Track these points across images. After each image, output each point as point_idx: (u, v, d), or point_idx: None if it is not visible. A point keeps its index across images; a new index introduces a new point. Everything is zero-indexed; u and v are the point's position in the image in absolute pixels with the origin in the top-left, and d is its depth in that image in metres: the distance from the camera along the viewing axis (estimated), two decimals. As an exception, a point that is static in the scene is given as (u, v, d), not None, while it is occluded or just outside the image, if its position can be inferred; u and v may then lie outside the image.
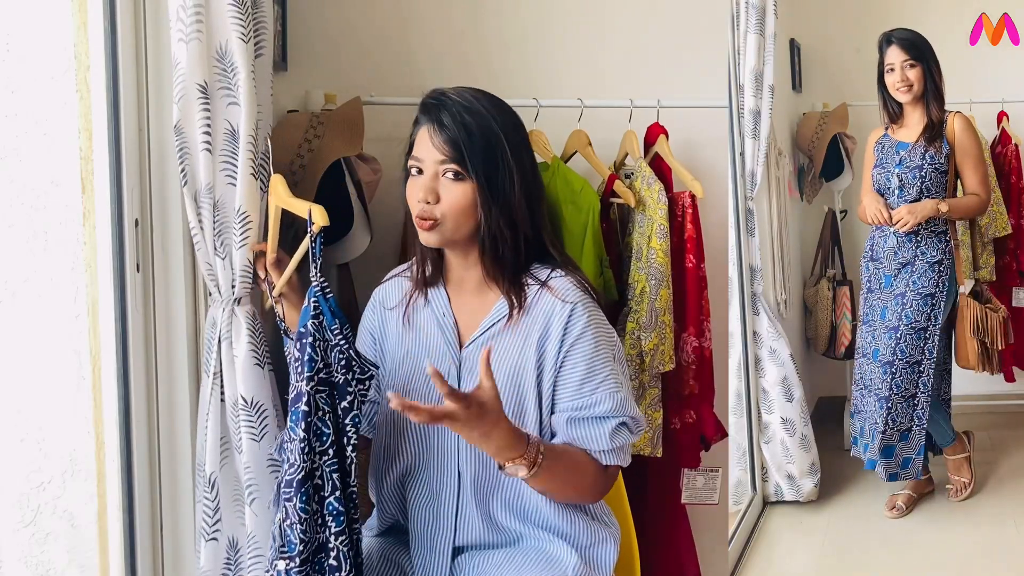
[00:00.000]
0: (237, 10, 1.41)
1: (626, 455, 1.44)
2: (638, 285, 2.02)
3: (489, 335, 1.45)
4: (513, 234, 1.42)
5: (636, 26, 2.33)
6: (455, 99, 1.40)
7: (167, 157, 1.47)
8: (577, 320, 1.41)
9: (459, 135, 1.38)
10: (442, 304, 1.50)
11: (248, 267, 1.48)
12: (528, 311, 1.44)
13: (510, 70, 2.27)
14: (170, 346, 1.51)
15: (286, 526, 1.32)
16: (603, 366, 1.41)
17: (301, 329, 1.33)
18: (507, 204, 1.41)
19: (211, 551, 1.48)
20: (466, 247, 1.45)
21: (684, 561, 2.22)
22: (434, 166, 1.40)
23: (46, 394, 1.41)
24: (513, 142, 1.42)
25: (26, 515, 1.40)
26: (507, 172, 1.40)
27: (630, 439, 1.42)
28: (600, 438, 1.39)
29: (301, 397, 1.32)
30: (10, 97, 1.36)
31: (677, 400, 2.12)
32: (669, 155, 2.14)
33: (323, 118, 1.88)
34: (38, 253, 1.39)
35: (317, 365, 1.32)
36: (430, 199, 1.39)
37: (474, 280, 1.48)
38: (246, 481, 1.48)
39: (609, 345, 1.43)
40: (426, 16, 2.28)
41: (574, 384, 1.41)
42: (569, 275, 1.46)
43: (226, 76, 1.43)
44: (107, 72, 1.39)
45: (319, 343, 1.33)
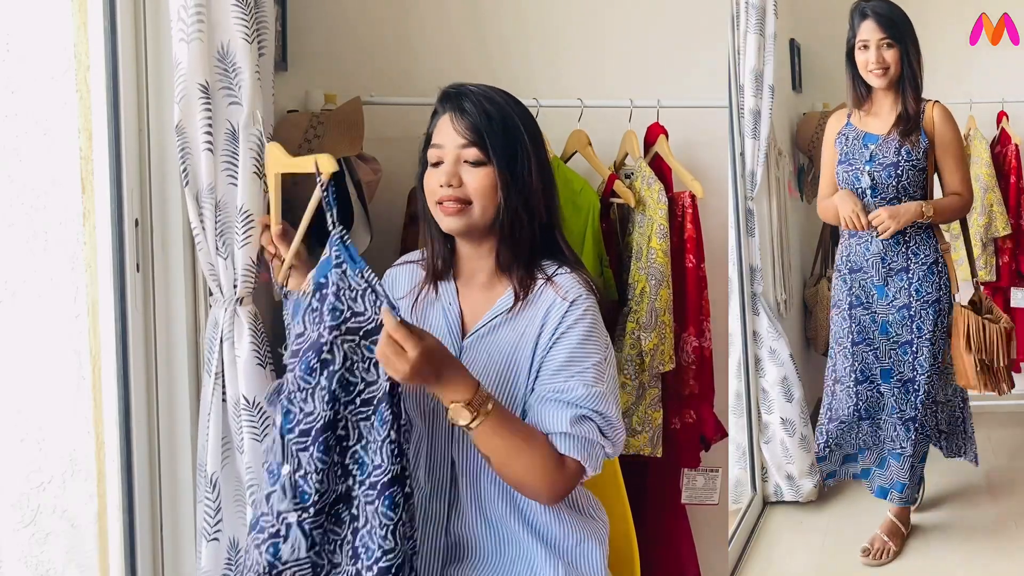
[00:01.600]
0: (241, 10, 1.41)
1: (589, 452, 1.36)
2: (638, 285, 2.02)
3: (491, 326, 1.46)
4: (530, 219, 1.44)
5: (636, 26, 2.33)
6: (474, 90, 1.45)
7: (167, 157, 1.47)
8: (571, 314, 1.42)
9: (480, 120, 1.41)
10: (450, 296, 1.51)
11: (251, 266, 1.48)
12: (530, 305, 1.44)
13: (510, 70, 2.27)
14: (170, 346, 1.51)
15: (298, 477, 1.25)
16: (586, 358, 1.40)
17: (321, 280, 1.28)
18: (526, 189, 1.43)
19: (212, 551, 1.48)
20: (482, 236, 1.46)
21: (684, 561, 2.22)
22: (455, 151, 1.42)
23: (46, 394, 1.41)
24: (530, 132, 1.46)
25: (26, 515, 1.40)
26: (526, 158, 1.44)
27: (594, 437, 1.36)
28: (560, 421, 1.35)
29: (322, 346, 1.25)
30: (10, 97, 1.36)
31: (677, 400, 2.12)
32: (669, 155, 2.14)
33: (323, 118, 1.88)
34: (38, 253, 1.39)
35: (344, 314, 1.26)
36: (453, 183, 1.41)
37: (485, 272, 1.49)
38: (248, 481, 1.48)
39: (599, 344, 1.42)
40: (426, 16, 2.28)
41: (552, 368, 1.40)
42: (574, 273, 1.47)
43: (227, 76, 1.43)
44: (107, 72, 1.39)
45: (344, 291, 1.27)
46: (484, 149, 1.41)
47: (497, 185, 1.42)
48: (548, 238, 1.49)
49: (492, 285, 1.49)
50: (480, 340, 1.46)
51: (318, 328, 1.26)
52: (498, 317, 1.46)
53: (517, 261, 1.45)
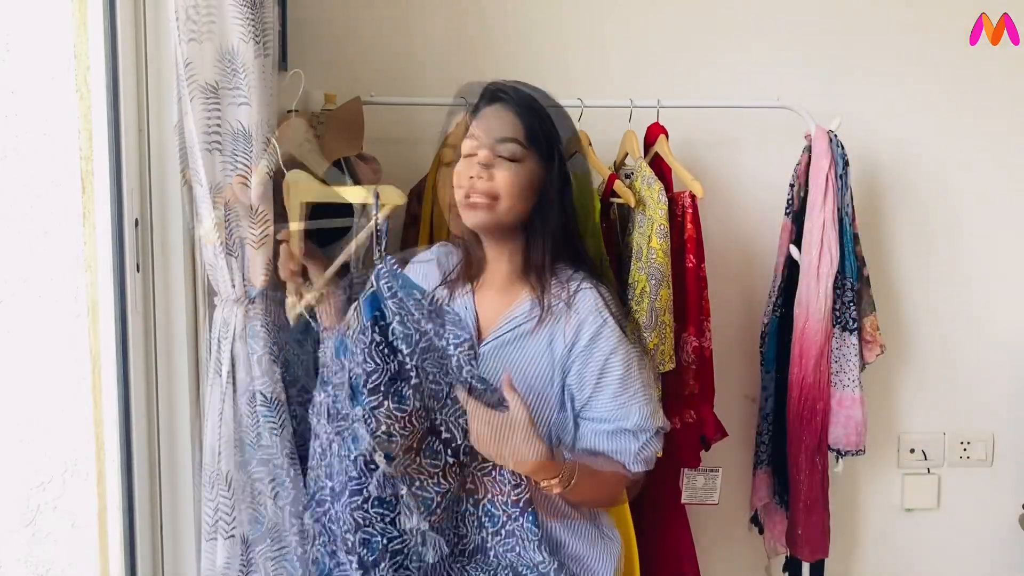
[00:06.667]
0: (245, 12, 1.41)
1: (651, 462, 1.47)
2: (638, 285, 2.02)
3: (512, 336, 1.44)
4: (560, 223, 1.44)
5: (636, 26, 2.34)
6: (515, 85, 1.46)
7: (167, 157, 1.47)
8: (609, 336, 1.41)
9: (523, 115, 1.42)
10: (465, 299, 1.49)
11: (268, 266, 1.48)
12: (557, 316, 1.43)
13: (510, 70, 2.27)
14: (170, 346, 1.51)
15: (415, 490, 1.32)
16: (634, 379, 1.42)
17: (375, 314, 1.28)
18: (560, 190, 1.44)
19: (230, 548, 1.48)
20: (505, 235, 1.45)
21: (684, 561, 2.22)
22: (492, 145, 1.41)
23: (46, 394, 1.41)
24: (567, 129, 1.48)
25: (26, 515, 1.40)
26: (560, 160, 1.44)
27: (655, 448, 1.46)
28: (628, 451, 1.43)
29: (408, 373, 1.28)
30: (10, 97, 1.36)
31: (677, 400, 2.12)
32: (669, 155, 2.14)
33: (323, 118, 1.88)
34: (38, 253, 1.39)
35: (416, 338, 1.29)
36: (485, 175, 1.40)
37: (503, 274, 1.47)
38: (270, 475, 1.48)
39: (639, 358, 1.44)
40: (426, 16, 2.28)
41: (606, 397, 1.41)
42: (601, 286, 1.46)
43: (234, 76, 1.43)
44: (107, 72, 1.39)
45: (407, 318, 1.29)
46: (523, 144, 1.41)
47: (529, 184, 1.41)
48: (571, 244, 1.47)
49: (508, 289, 1.47)
50: (500, 349, 1.44)
51: (394, 360, 1.28)
52: (521, 327, 1.44)
53: (540, 265, 1.44)
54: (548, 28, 2.32)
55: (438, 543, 1.35)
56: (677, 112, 2.19)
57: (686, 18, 2.35)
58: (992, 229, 2.48)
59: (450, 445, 1.32)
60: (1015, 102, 2.44)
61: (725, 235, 2.39)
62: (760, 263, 2.41)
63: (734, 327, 2.42)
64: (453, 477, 1.34)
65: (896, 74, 2.40)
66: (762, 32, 2.36)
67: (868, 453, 2.29)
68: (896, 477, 2.56)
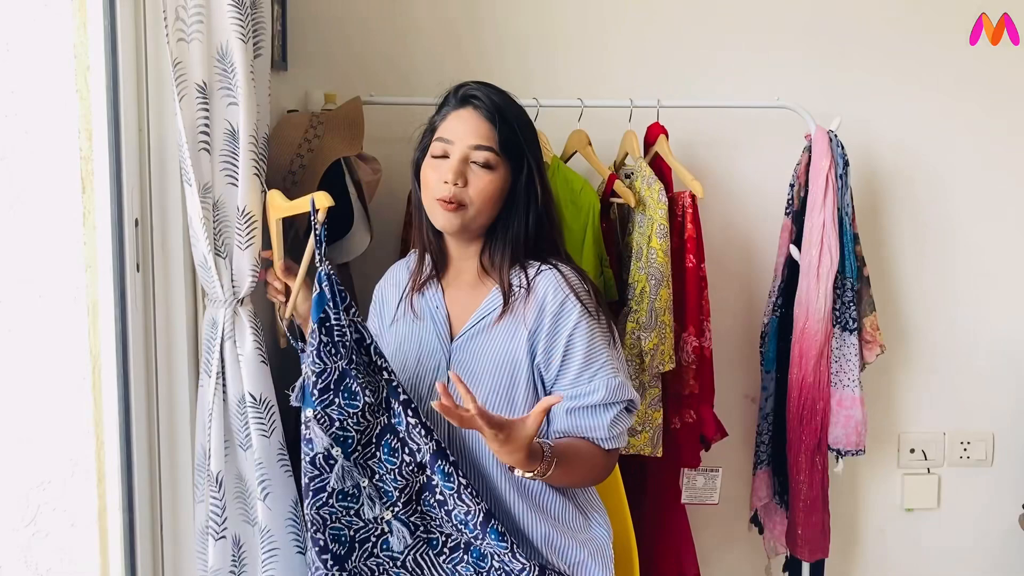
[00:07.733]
0: (237, 11, 1.41)
1: (625, 437, 1.47)
2: (638, 285, 2.02)
3: (480, 327, 1.46)
4: (527, 225, 1.45)
5: (636, 26, 2.33)
6: (491, 91, 1.46)
7: (167, 157, 1.47)
8: (570, 311, 1.42)
9: (496, 125, 1.42)
10: (436, 298, 1.51)
11: (255, 266, 1.48)
12: (520, 304, 1.44)
13: (510, 70, 2.27)
14: (170, 346, 1.51)
15: (376, 482, 1.39)
16: (599, 354, 1.42)
17: (320, 315, 1.35)
18: (531, 195, 1.45)
19: (220, 549, 1.48)
20: (472, 237, 1.47)
21: (684, 561, 2.22)
22: (465, 150, 1.42)
23: (46, 394, 1.41)
24: (534, 139, 1.48)
25: (26, 515, 1.40)
26: (532, 163, 1.45)
27: (628, 422, 1.45)
28: (600, 427, 1.42)
29: (353, 372, 1.35)
30: (10, 97, 1.36)
31: (677, 400, 2.12)
32: (669, 155, 2.14)
33: (323, 118, 1.88)
34: (38, 253, 1.39)
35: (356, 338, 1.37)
36: (459, 182, 1.40)
37: (471, 272, 1.49)
38: (259, 477, 1.48)
39: (603, 332, 1.44)
40: (425, 17, 2.28)
41: (572, 374, 1.42)
42: (561, 266, 1.46)
43: (226, 76, 1.43)
44: (107, 72, 1.39)
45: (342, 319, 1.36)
46: (496, 152, 1.42)
47: (499, 191, 1.43)
48: (542, 243, 1.48)
49: (477, 285, 1.49)
50: (470, 342, 1.46)
51: (339, 360, 1.35)
52: (487, 318, 1.46)
53: (504, 262, 1.46)
54: (548, 28, 2.32)
55: (402, 533, 1.39)
56: (677, 112, 2.20)
57: (686, 18, 2.35)
58: (992, 228, 2.48)
59: (407, 445, 1.37)
60: (1015, 102, 2.44)
61: (725, 235, 2.39)
62: (760, 263, 2.41)
63: (734, 327, 2.42)
64: (411, 475, 1.38)
65: (896, 74, 2.40)
66: (762, 32, 2.36)
67: (868, 453, 2.30)
68: (896, 477, 2.56)
